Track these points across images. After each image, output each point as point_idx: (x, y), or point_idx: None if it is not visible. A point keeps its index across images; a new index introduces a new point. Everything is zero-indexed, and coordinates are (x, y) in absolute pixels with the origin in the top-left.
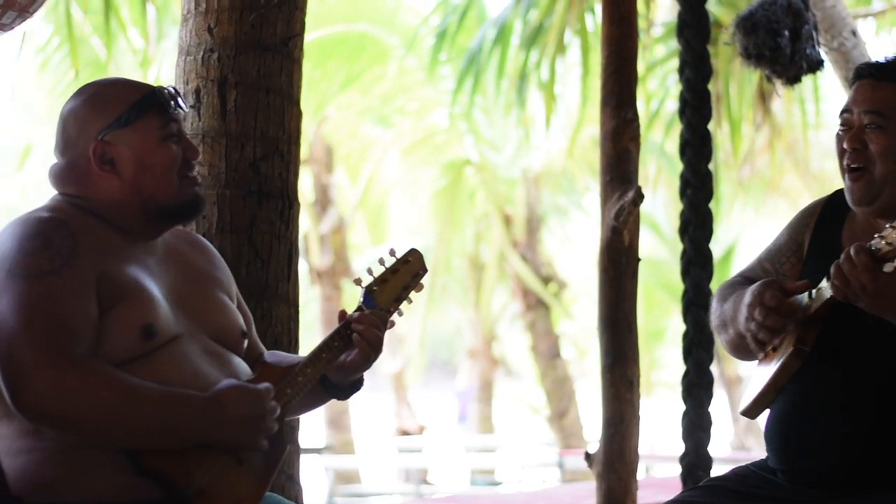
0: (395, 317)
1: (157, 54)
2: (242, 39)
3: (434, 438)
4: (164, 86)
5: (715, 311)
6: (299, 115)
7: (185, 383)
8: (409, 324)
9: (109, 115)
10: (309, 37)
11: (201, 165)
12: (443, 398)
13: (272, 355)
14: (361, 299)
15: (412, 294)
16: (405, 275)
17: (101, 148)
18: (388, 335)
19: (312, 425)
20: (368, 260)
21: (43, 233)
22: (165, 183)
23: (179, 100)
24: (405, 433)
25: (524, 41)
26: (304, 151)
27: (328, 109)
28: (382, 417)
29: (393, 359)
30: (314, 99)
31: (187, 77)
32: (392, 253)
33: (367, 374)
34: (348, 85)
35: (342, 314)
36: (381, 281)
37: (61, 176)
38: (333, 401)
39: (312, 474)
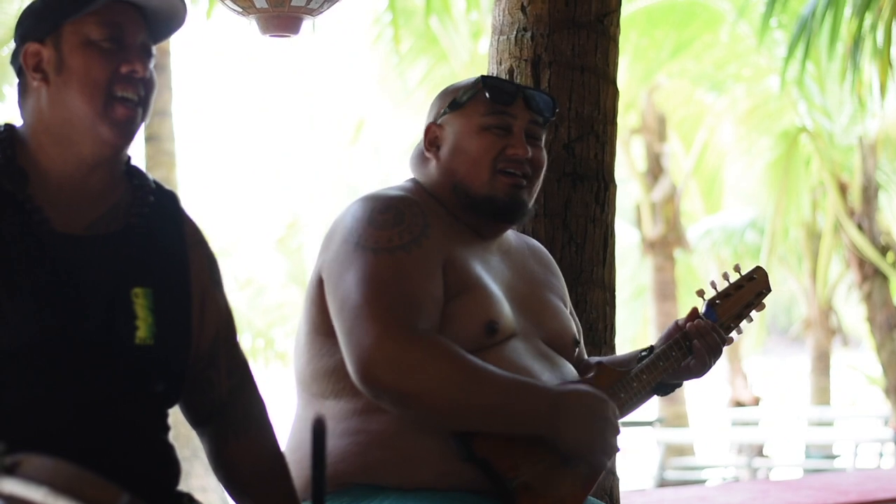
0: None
1: (487, 25)
2: (556, 17)
3: (770, 410)
4: (528, 87)
5: None
6: (615, 93)
7: None
8: None
9: (447, 101)
10: (635, 6)
11: None
12: (781, 368)
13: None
14: (703, 311)
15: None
16: (748, 292)
17: (434, 131)
18: None
19: None
20: (702, 228)
21: (395, 208)
22: (475, 171)
23: (533, 102)
24: (739, 404)
25: (858, 6)
26: (635, 120)
27: (658, 77)
28: (717, 388)
29: None
30: (643, 68)
31: (500, 57)
32: (737, 269)
33: None
34: (678, 52)
35: (675, 327)
36: (724, 296)
37: (412, 160)
38: None
39: (644, 447)
